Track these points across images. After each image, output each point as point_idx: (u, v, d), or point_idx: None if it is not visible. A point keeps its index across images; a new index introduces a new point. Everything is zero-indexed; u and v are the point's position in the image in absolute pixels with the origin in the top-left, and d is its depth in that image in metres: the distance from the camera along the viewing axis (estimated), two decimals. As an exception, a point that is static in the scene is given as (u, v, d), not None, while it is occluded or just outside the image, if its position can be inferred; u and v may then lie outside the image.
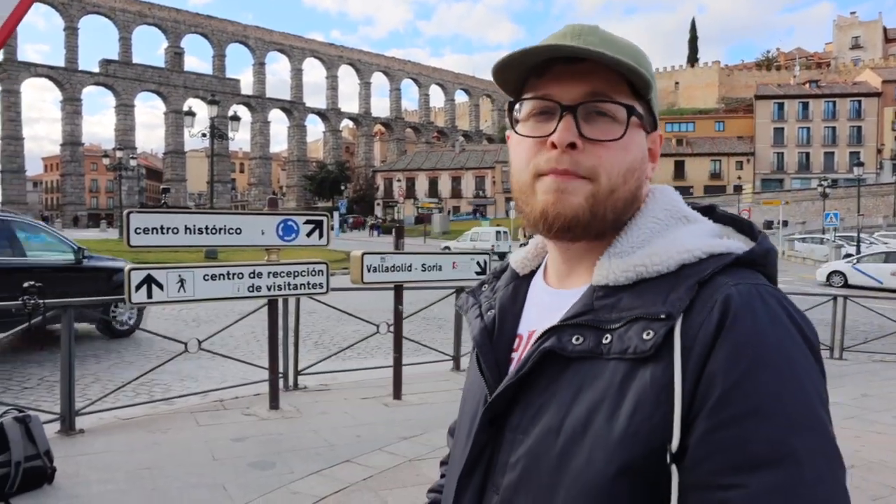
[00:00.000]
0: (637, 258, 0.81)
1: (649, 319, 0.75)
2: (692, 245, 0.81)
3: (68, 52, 79.40)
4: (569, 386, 0.78)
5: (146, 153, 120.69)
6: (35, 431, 4.21)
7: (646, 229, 0.85)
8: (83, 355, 7.98)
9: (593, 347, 0.78)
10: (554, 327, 0.82)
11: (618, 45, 0.84)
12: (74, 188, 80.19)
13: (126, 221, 5.06)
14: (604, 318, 0.79)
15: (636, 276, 0.80)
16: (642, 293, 0.79)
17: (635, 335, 0.75)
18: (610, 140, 0.83)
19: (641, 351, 0.74)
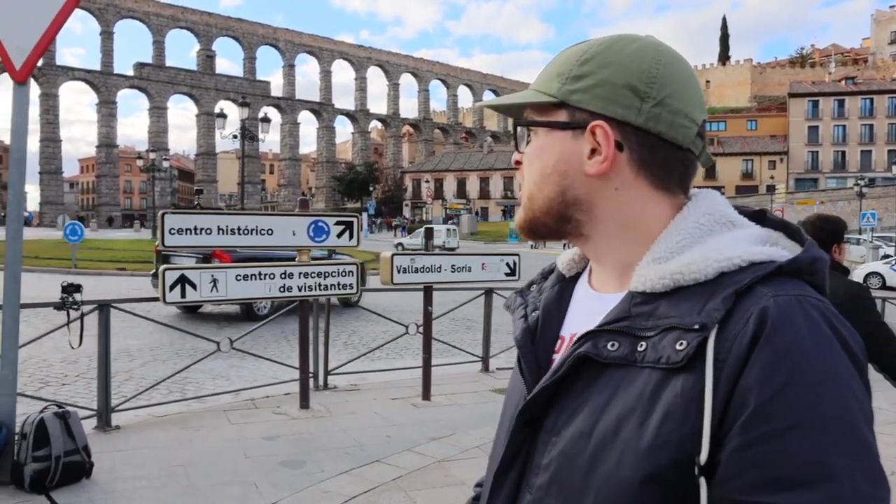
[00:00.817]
0: (674, 265, 0.80)
1: (683, 329, 0.74)
2: (732, 252, 0.78)
3: (104, 55, 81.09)
4: (602, 391, 0.78)
5: (178, 155, 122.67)
6: (74, 427, 4.31)
7: (686, 234, 0.83)
8: (116, 353, 8.14)
9: (628, 354, 0.77)
10: (591, 332, 0.82)
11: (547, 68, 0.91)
12: (109, 189, 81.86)
13: (161, 222, 5.15)
14: (640, 326, 0.79)
15: (673, 283, 0.79)
16: (679, 301, 0.78)
17: (668, 345, 0.74)
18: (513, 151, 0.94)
19: (674, 361, 0.73)
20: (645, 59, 0.84)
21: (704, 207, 0.86)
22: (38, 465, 4.09)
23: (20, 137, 4.03)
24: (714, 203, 0.87)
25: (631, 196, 0.85)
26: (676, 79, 0.84)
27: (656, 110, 0.82)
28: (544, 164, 0.88)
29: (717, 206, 0.87)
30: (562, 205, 0.87)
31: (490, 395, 6.86)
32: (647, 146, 0.84)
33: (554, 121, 0.87)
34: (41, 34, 3.88)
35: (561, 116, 0.87)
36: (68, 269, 19.88)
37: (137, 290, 15.51)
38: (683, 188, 0.88)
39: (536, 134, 0.89)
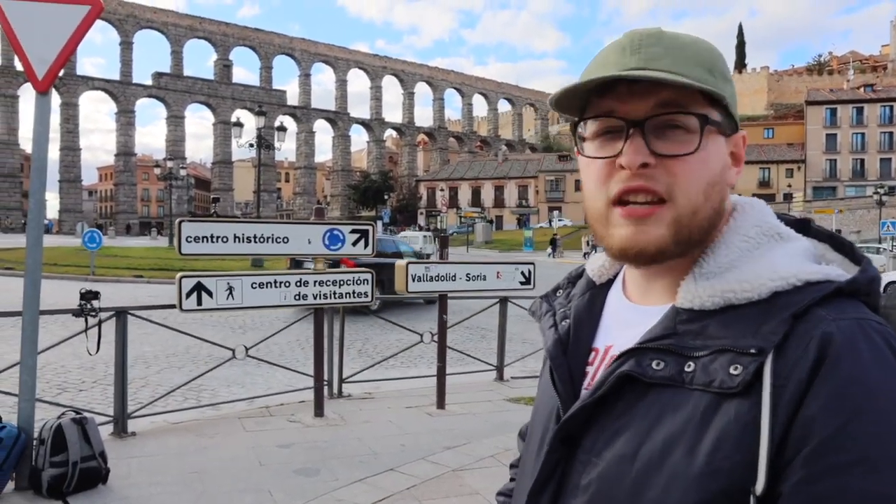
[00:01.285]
0: (726, 283, 0.76)
1: (738, 353, 0.70)
2: (787, 271, 0.74)
3: (123, 65, 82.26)
4: (647, 413, 0.75)
5: (195, 163, 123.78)
6: (91, 433, 4.34)
7: (735, 248, 0.79)
8: (133, 359, 8.20)
9: (674, 374, 0.74)
10: (633, 349, 0.78)
11: (685, 51, 0.78)
12: (127, 197, 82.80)
13: (178, 230, 5.20)
14: (687, 345, 0.75)
15: (724, 302, 0.75)
16: (730, 321, 0.74)
17: (721, 368, 0.70)
18: (685, 154, 0.77)
19: (728, 386, 0.69)
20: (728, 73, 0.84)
21: (752, 219, 0.82)
22: (55, 471, 4.12)
23: (42, 146, 4.09)
24: (762, 214, 0.84)
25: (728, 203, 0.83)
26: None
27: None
28: (713, 172, 0.79)
29: (765, 217, 0.83)
30: (719, 218, 0.81)
31: (505, 404, 6.84)
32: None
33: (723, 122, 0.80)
34: (63, 45, 3.94)
35: (717, 117, 0.79)
36: (86, 276, 20.09)
37: (154, 297, 15.62)
38: None
39: (689, 132, 0.77)
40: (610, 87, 0.79)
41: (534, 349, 9.09)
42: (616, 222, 0.80)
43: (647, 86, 0.77)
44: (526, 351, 9.17)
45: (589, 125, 0.83)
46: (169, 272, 20.09)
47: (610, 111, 0.80)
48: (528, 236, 54.37)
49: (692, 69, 0.77)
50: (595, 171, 0.82)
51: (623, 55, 0.78)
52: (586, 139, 0.84)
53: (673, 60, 0.77)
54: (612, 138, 0.80)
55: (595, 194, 0.82)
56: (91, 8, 4.02)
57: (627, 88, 0.78)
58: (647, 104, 0.77)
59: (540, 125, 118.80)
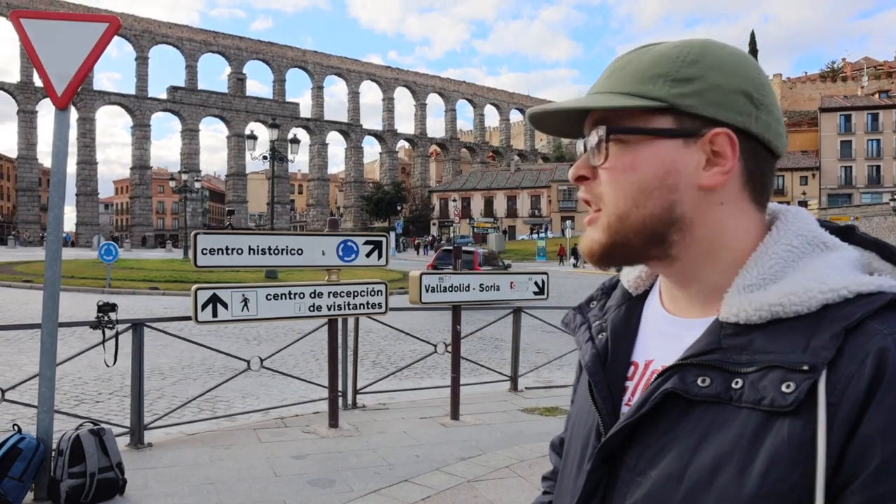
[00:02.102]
0: (773, 295, 0.73)
1: (789, 369, 0.68)
2: (836, 282, 0.71)
3: (139, 80, 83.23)
4: (693, 431, 0.73)
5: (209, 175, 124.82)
6: (108, 444, 4.38)
7: (778, 258, 0.76)
8: (149, 371, 8.26)
9: (721, 392, 0.71)
10: (677, 365, 0.76)
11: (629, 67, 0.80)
12: (143, 210, 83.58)
13: (193, 242, 5.25)
14: (733, 360, 0.72)
15: (771, 315, 0.72)
16: (778, 335, 0.71)
17: (772, 385, 0.68)
18: (599, 166, 0.80)
19: (780, 405, 0.67)
20: (748, 66, 0.79)
21: (796, 227, 0.79)
22: (73, 482, 4.16)
23: (60, 161, 4.15)
24: (804, 222, 0.80)
25: (733, 211, 0.79)
26: (770, 88, 0.80)
27: (766, 118, 0.78)
28: (644, 178, 0.78)
29: (808, 225, 0.80)
30: (664, 224, 0.79)
31: (519, 414, 6.81)
32: (756, 156, 0.78)
33: (661, 128, 0.78)
34: (81, 62, 4.01)
35: (663, 123, 0.78)
36: (103, 288, 20.28)
37: (169, 309, 15.75)
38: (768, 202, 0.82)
39: (625, 144, 0.79)
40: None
41: (547, 359, 9.06)
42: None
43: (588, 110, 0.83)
44: (540, 361, 9.14)
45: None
46: (184, 284, 20.24)
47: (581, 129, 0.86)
48: (540, 246, 54.21)
49: (625, 85, 0.79)
50: None
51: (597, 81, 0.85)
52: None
53: (612, 81, 0.81)
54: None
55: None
56: (109, 25, 4.10)
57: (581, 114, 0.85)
58: (588, 124, 0.83)
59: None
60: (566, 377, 8.99)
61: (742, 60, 0.79)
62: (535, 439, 5.79)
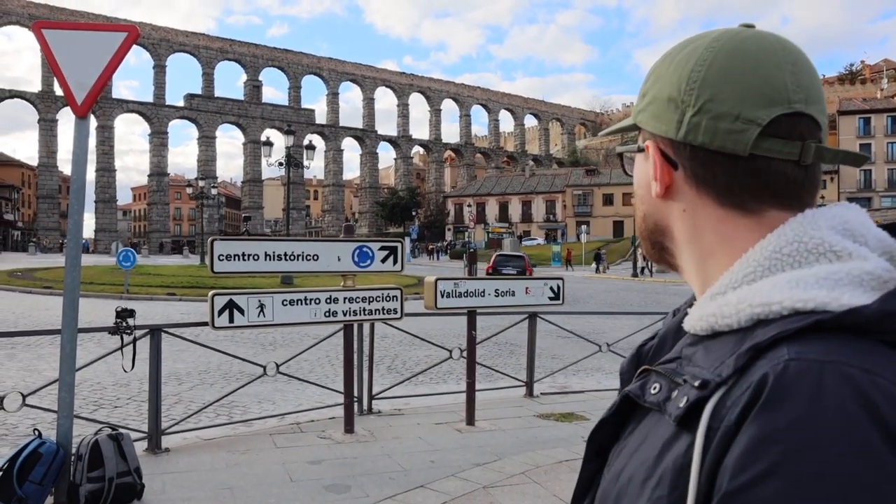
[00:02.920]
0: (713, 305, 0.69)
1: (690, 385, 0.65)
2: (772, 295, 0.64)
3: (156, 88, 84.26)
4: (638, 435, 0.72)
5: (225, 182, 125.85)
6: (126, 449, 4.42)
7: (756, 266, 0.69)
8: (166, 376, 8.32)
9: (662, 401, 0.69)
10: (646, 369, 0.76)
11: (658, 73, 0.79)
12: (160, 216, 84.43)
13: (210, 248, 5.29)
14: (680, 371, 0.69)
15: (709, 326, 0.69)
16: (712, 349, 0.68)
17: (679, 398, 0.66)
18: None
19: (675, 417, 0.65)
20: (689, 63, 0.73)
21: (795, 233, 0.69)
22: (92, 486, 4.20)
23: (80, 168, 4.21)
24: (811, 225, 0.69)
25: (699, 217, 0.75)
26: (727, 75, 0.70)
27: (696, 119, 0.71)
28: (636, 190, 0.85)
29: (815, 229, 0.69)
30: (650, 231, 0.83)
31: (534, 420, 6.79)
32: (698, 161, 0.73)
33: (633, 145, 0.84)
34: (101, 71, 4.07)
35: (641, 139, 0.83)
36: (120, 294, 20.48)
37: (186, 314, 15.87)
38: (780, 203, 0.71)
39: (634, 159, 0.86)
40: None
41: (563, 365, 9.02)
42: None
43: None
44: (555, 367, 9.10)
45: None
46: (201, 290, 20.40)
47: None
48: (556, 251, 54.06)
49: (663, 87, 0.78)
50: None
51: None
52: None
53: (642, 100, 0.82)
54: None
55: None
56: (127, 35, 4.15)
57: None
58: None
59: (566, 140, 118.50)
60: (582, 382, 8.94)
61: (687, 58, 0.74)
62: (550, 445, 5.77)
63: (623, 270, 43.74)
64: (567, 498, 4.49)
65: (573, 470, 5.06)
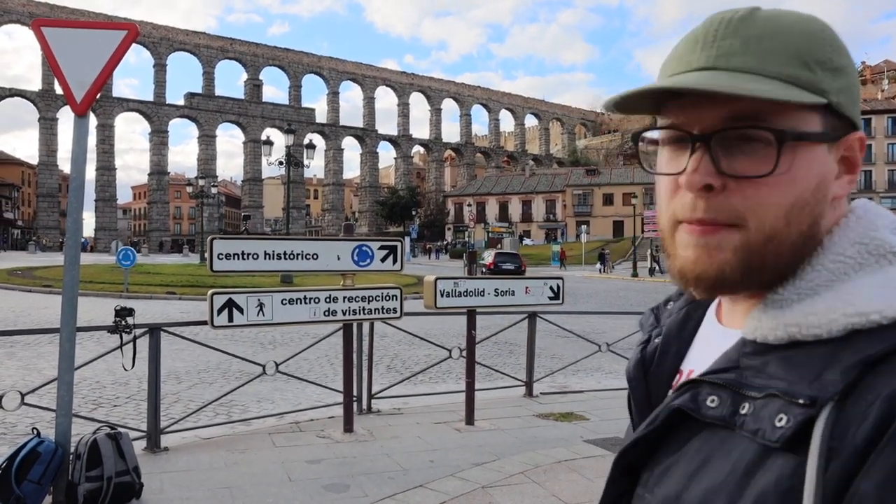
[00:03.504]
0: (793, 314, 0.64)
1: (787, 400, 0.59)
2: (869, 304, 0.60)
3: (157, 86, 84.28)
4: (696, 454, 0.66)
5: (225, 181, 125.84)
6: (125, 448, 4.41)
7: (823, 271, 0.65)
8: (166, 375, 8.32)
9: (728, 415, 0.64)
10: (694, 381, 0.69)
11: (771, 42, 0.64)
12: (160, 215, 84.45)
13: (209, 247, 5.28)
14: (746, 382, 0.64)
15: (787, 336, 0.63)
16: (794, 361, 0.62)
17: (768, 416, 0.60)
18: (759, 176, 0.64)
19: (769, 439, 0.59)
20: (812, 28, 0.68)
21: (855, 233, 0.67)
22: (90, 485, 4.19)
23: (79, 167, 4.20)
24: (870, 227, 0.67)
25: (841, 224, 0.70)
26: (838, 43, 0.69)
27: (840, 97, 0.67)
28: (801, 192, 0.65)
29: (874, 231, 0.67)
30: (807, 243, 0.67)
31: (534, 420, 6.78)
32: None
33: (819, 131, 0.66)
34: (100, 69, 4.06)
35: (813, 123, 0.65)
36: (120, 293, 20.47)
37: (186, 313, 15.87)
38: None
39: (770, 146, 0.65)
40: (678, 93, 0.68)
41: (563, 365, 9.02)
42: (681, 242, 0.70)
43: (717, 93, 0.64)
44: (555, 366, 9.10)
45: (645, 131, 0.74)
46: (201, 289, 20.38)
47: (675, 121, 0.69)
48: (555, 251, 54.06)
49: (780, 65, 0.64)
50: (663, 185, 0.72)
51: (693, 50, 0.67)
52: (660, 143, 0.73)
53: (751, 56, 0.64)
54: (679, 150, 0.69)
55: (663, 209, 0.72)
56: (127, 33, 4.14)
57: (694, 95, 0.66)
58: (716, 115, 0.65)
59: (567, 139, 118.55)
60: (581, 382, 8.94)
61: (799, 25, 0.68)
62: (550, 445, 5.76)
63: (623, 270, 43.72)
64: (567, 498, 4.49)
65: (573, 470, 5.06)
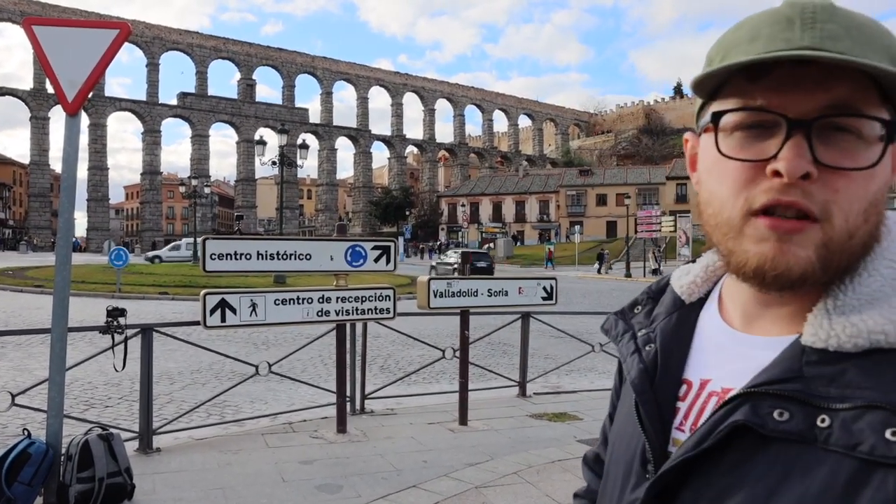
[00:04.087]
0: (874, 322, 0.61)
1: (893, 412, 0.57)
2: None
3: (149, 86, 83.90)
4: (766, 473, 0.61)
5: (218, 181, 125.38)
6: (117, 449, 4.39)
7: (880, 277, 0.64)
8: (158, 376, 8.28)
9: (804, 430, 0.60)
10: (749, 393, 0.65)
11: (866, 32, 0.62)
12: (153, 215, 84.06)
13: (202, 248, 5.27)
14: (819, 393, 0.61)
15: (870, 344, 0.61)
16: (878, 369, 0.60)
17: (871, 429, 0.57)
18: (856, 168, 0.62)
19: (883, 454, 0.55)
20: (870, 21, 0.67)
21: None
22: (82, 487, 4.17)
23: (71, 166, 4.18)
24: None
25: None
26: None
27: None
28: (881, 188, 0.64)
29: None
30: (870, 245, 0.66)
31: (527, 420, 6.79)
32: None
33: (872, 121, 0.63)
34: (92, 68, 4.04)
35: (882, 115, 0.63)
36: (113, 293, 20.38)
37: (178, 313, 15.81)
38: None
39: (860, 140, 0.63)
40: (765, 69, 0.64)
41: (556, 365, 9.03)
42: (755, 236, 0.65)
43: (819, 76, 0.62)
44: (548, 367, 9.11)
45: (729, 116, 0.68)
46: (193, 289, 20.32)
47: (765, 103, 0.65)
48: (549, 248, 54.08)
49: (879, 57, 0.61)
50: (732, 172, 0.67)
51: (789, 29, 0.63)
52: (720, 130, 0.68)
53: (854, 43, 0.61)
54: (760, 135, 0.65)
55: (730, 201, 0.67)
56: (119, 32, 4.12)
57: (790, 75, 0.63)
58: (815, 100, 0.62)
59: (560, 140, 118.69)
60: (574, 383, 8.95)
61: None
62: (543, 445, 5.77)
63: (617, 271, 43.83)
64: (560, 498, 4.49)
65: (566, 470, 5.06)
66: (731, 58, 0.65)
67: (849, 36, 0.61)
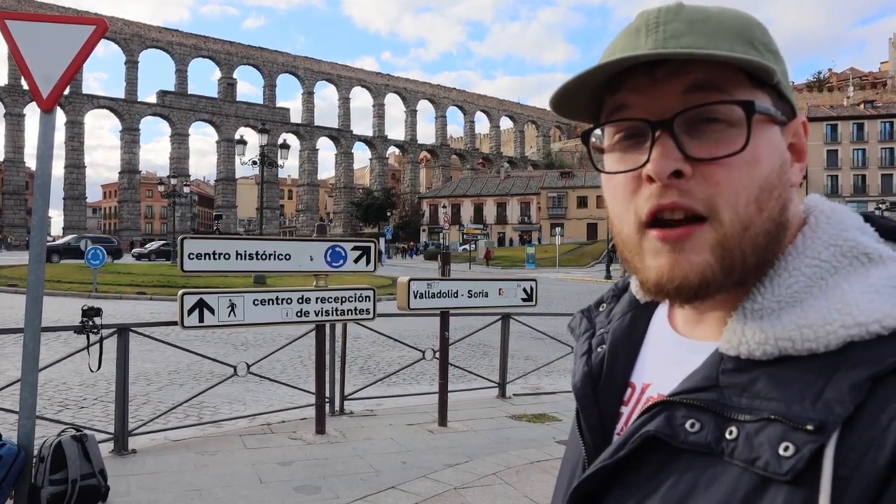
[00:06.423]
0: (782, 328, 0.58)
1: (790, 425, 0.53)
2: (867, 313, 0.55)
3: (128, 84, 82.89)
4: (677, 483, 0.59)
5: (198, 180, 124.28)
6: (91, 450, 4.32)
7: (800, 276, 0.61)
8: (134, 376, 8.18)
9: (712, 441, 0.58)
10: (666, 402, 0.62)
11: (713, 22, 0.62)
12: (131, 214, 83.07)
13: (180, 247, 5.21)
14: (731, 403, 0.58)
15: (778, 351, 0.58)
16: (786, 377, 0.57)
17: (768, 444, 0.54)
18: (728, 155, 0.60)
19: (774, 471, 0.53)
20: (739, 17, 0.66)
21: (828, 235, 0.63)
22: (54, 489, 4.10)
23: (45, 164, 4.11)
24: (841, 227, 0.63)
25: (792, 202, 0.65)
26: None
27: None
28: (767, 173, 0.61)
29: (845, 231, 0.63)
30: (780, 231, 0.63)
31: (507, 421, 6.80)
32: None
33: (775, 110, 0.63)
34: (67, 64, 3.98)
35: (765, 102, 0.62)
36: (89, 293, 20.10)
37: (156, 314, 15.63)
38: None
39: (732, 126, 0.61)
40: (624, 78, 0.64)
41: (536, 366, 9.06)
42: (652, 249, 0.63)
43: (672, 69, 0.61)
44: (528, 368, 9.13)
45: (606, 132, 0.68)
46: (171, 289, 20.09)
47: (626, 108, 0.65)
48: (530, 253, 54.30)
49: (730, 43, 0.61)
50: (618, 187, 0.66)
51: (637, 38, 0.64)
52: (605, 150, 0.68)
53: (700, 36, 0.61)
54: (636, 144, 0.65)
55: (623, 216, 0.66)
56: (96, 28, 4.06)
57: (647, 76, 0.63)
58: (673, 92, 0.62)
59: (542, 142, 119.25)
60: (554, 384, 8.99)
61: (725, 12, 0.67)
62: (522, 446, 5.78)
63: (597, 273, 44.07)
64: (538, 499, 4.50)
65: (545, 471, 5.08)
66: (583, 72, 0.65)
67: (692, 31, 0.61)
